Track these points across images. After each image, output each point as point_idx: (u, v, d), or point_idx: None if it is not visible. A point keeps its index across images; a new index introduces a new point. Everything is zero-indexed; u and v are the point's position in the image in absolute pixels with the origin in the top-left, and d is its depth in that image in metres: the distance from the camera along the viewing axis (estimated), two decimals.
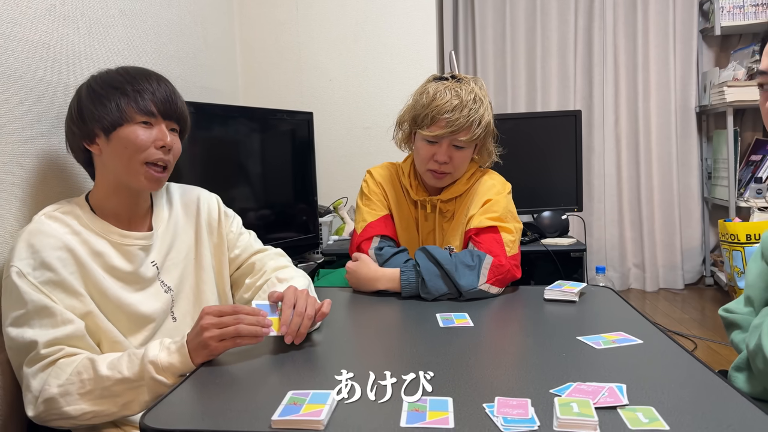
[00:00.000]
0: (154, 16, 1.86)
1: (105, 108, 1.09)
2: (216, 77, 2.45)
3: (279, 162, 2.30)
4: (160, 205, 1.26)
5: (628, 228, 3.47)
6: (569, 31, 3.32)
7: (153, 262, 1.19)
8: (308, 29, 2.70)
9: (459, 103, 1.42)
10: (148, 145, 1.11)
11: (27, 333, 0.99)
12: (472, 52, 3.36)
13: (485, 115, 1.45)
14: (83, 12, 1.47)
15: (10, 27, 1.21)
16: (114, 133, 1.09)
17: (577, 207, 2.35)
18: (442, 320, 1.18)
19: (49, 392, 0.96)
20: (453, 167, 1.49)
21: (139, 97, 1.09)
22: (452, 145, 1.46)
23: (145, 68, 1.18)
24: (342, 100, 2.73)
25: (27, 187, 1.25)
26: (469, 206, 1.54)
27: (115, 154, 1.11)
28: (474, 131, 1.43)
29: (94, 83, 1.13)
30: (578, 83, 3.38)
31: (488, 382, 0.86)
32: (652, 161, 3.40)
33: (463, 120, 1.41)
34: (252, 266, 1.35)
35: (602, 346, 1.00)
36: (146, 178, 1.13)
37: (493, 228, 1.46)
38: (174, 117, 1.15)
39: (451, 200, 1.57)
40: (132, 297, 1.13)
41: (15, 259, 1.01)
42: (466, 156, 1.50)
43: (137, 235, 1.17)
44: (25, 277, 0.99)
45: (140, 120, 1.10)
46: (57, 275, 1.02)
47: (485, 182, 1.56)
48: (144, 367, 0.97)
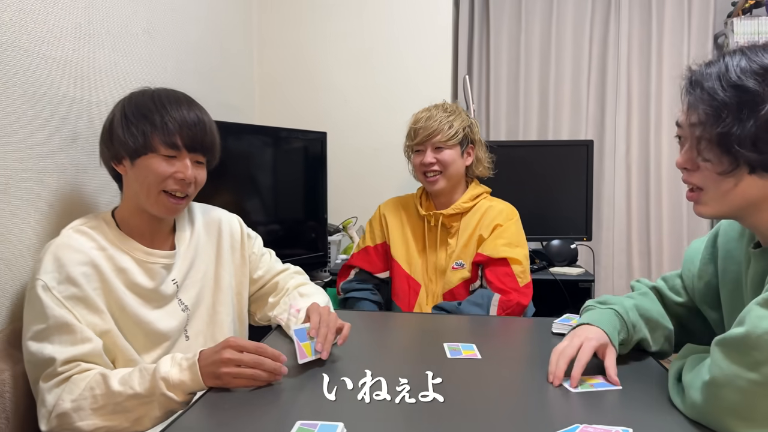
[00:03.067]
0: (174, 34, 1.89)
1: (132, 135, 1.11)
2: (233, 94, 2.48)
3: (291, 179, 2.32)
4: (182, 224, 1.28)
5: (636, 257, 3.46)
6: (583, 59, 3.33)
7: (174, 280, 1.21)
8: (324, 50, 2.73)
9: (429, 115, 1.75)
10: (168, 177, 1.12)
11: (46, 349, 1.00)
12: (486, 77, 3.38)
13: (455, 121, 1.74)
14: (108, 30, 1.51)
15: (37, 45, 1.24)
16: (138, 160, 1.12)
17: (587, 236, 2.35)
18: (450, 351, 1.18)
19: (62, 407, 0.98)
20: (442, 166, 1.73)
21: (166, 129, 1.11)
22: (435, 148, 1.73)
23: (181, 94, 1.19)
24: (355, 121, 2.75)
25: (48, 202, 1.27)
26: (479, 226, 1.74)
27: (136, 179, 1.14)
28: (447, 132, 1.72)
29: (128, 106, 1.14)
30: (590, 111, 3.39)
31: (494, 420, 0.86)
32: (662, 191, 3.40)
33: (435, 124, 1.72)
34: (275, 285, 1.40)
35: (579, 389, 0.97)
36: (163, 206, 1.15)
37: (503, 261, 1.65)
38: (200, 150, 1.16)
39: (454, 215, 1.77)
40: (150, 314, 1.15)
41: (41, 272, 1.03)
42: (450, 156, 1.74)
43: (160, 253, 1.19)
44: (50, 291, 1.01)
45: (164, 153, 1.12)
46: (81, 291, 1.04)
47: (495, 207, 1.78)
48: (155, 383, 0.98)
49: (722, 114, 0.83)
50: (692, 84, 0.89)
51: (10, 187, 1.16)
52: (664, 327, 1.15)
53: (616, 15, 3.29)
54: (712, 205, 0.91)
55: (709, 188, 0.90)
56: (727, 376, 0.79)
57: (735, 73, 0.83)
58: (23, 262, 1.19)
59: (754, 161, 0.83)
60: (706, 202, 0.92)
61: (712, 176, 0.88)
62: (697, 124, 0.87)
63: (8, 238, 1.16)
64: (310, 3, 2.73)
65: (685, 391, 0.87)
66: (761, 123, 0.81)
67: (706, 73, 0.87)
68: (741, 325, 0.79)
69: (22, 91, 1.20)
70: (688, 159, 0.92)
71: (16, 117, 1.18)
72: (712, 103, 0.84)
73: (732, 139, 0.83)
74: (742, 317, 0.81)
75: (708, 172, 0.88)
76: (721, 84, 0.84)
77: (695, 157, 0.90)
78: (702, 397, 0.82)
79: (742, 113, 0.82)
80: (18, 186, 1.18)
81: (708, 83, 0.86)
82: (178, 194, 1.15)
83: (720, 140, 0.84)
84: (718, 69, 0.86)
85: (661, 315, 1.16)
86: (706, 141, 0.86)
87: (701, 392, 0.83)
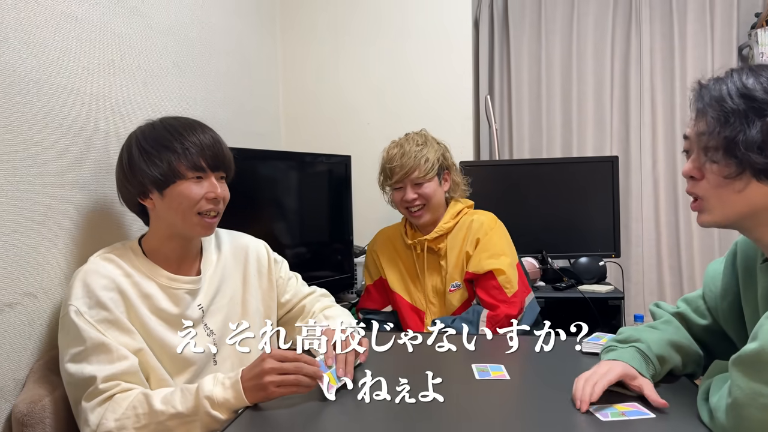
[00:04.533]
0: (203, 66, 1.95)
1: (157, 167, 1.14)
2: (260, 121, 2.54)
3: (317, 203, 2.35)
4: (209, 249, 1.31)
5: (667, 273, 3.39)
6: (605, 74, 3.32)
7: (199, 306, 1.23)
8: (346, 76, 2.78)
9: (402, 152, 1.74)
10: (200, 198, 1.16)
11: (86, 369, 1.03)
12: (508, 96, 3.39)
13: (429, 153, 1.73)
14: (140, 65, 1.57)
15: (72, 81, 1.30)
16: (167, 190, 1.16)
17: (615, 253, 2.32)
18: (478, 372, 1.18)
19: (106, 426, 1.00)
20: (424, 200, 1.73)
21: (189, 153, 1.15)
22: (414, 184, 1.72)
23: (188, 119, 1.23)
24: (378, 143, 2.77)
25: (84, 232, 1.32)
26: (465, 243, 1.74)
27: (169, 208, 1.17)
28: (424, 167, 1.71)
29: (144, 141, 1.17)
30: (615, 126, 3.37)
31: None
32: None
33: (411, 161, 1.71)
34: (302, 309, 1.42)
35: (609, 418, 0.94)
36: (201, 227, 1.19)
37: (489, 274, 1.66)
38: (222, 167, 1.21)
39: (438, 238, 1.76)
40: (176, 339, 1.16)
41: (72, 298, 1.07)
42: (431, 189, 1.73)
43: (185, 279, 1.22)
44: (82, 316, 1.05)
45: (192, 176, 1.15)
46: (111, 314, 1.08)
47: (476, 220, 1.77)
48: (199, 402, 1.00)
49: (730, 119, 0.86)
50: (701, 95, 0.91)
51: (48, 218, 1.21)
52: (694, 352, 1.13)
53: (637, 29, 3.28)
54: (715, 213, 0.92)
55: (713, 195, 0.91)
56: (748, 395, 0.78)
57: (744, 84, 0.86)
58: (61, 291, 1.23)
59: (759, 165, 0.84)
60: (709, 210, 0.92)
61: (717, 181, 0.89)
62: (704, 132, 0.89)
63: (47, 267, 1.20)
64: (330, 30, 2.79)
65: (713, 413, 0.86)
66: (767, 128, 0.83)
67: (715, 86, 0.90)
68: (754, 340, 0.79)
69: (60, 125, 1.25)
70: (694, 167, 0.93)
71: (54, 150, 1.24)
72: (721, 110, 0.87)
73: (738, 143, 0.84)
74: (755, 333, 0.80)
75: (713, 176, 0.89)
76: (730, 94, 0.87)
77: (701, 164, 0.91)
78: (728, 419, 0.82)
79: (749, 119, 0.84)
80: (56, 217, 1.23)
81: (716, 93, 0.88)
82: (212, 213, 1.19)
83: (726, 144, 0.86)
84: (726, 82, 0.89)
85: (689, 341, 1.14)
86: (713, 147, 0.88)
87: (726, 415, 0.82)
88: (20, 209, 1.14)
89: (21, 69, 1.15)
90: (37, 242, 1.18)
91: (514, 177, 2.45)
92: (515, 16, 3.30)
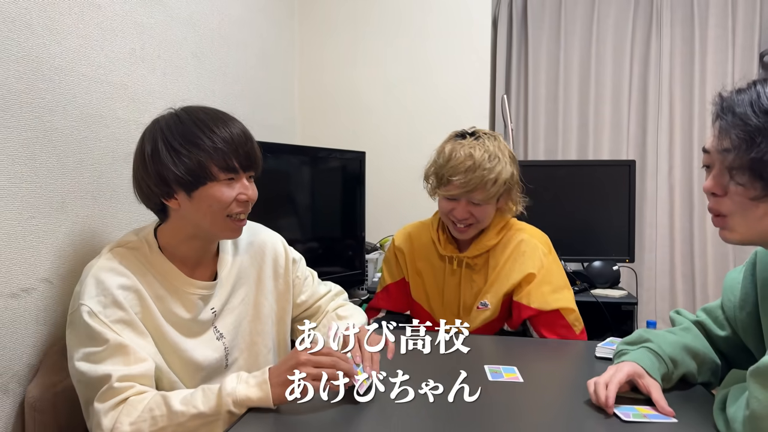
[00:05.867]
0: (222, 58, 1.96)
1: (187, 168, 1.05)
2: (277, 115, 2.54)
3: (330, 198, 2.35)
4: (225, 248, 1.24)
5: (680, 280, 3.36)
6: (624, 78, 3.30)
7: (212, 309, 1.18)
8: (364, 71, 2.78)
9: (472, 164, 1.42)
10: (232, 200, 1.09)
11: (100, 369, 0.98)
12: (524, 96, 3.37)
13: (502, 173, 1.45)
14: (160, 54, 1.57)
15: (93, 69, 1.30)
16: (196, 192, 1.07)
17: (629, 258, 2.30)
18: (491, 373, 1.17)
19: (120, 430, 0.95)
20: (475, 220, 1.50)
21: (222, 154, 1.06)
22: (470, 202, 1.47)
23: (215, 111, 1.12)
24: (393, 140, 2.77)
25: (101, 220, 1.32)
26: (509, 264, 1.53)
27: (197, 210, 1.09)
28: (489, 190, 1.44)
29: (170, 136, 1.06)
30: (631, 130, 3.34)
31: None
32: (706, 213, 3.29)
33: (477, 180, 1.42)
34: (317, 309, 1.38)
35: (631, 418, 0.94)
36: (229, 230, 1.13)
37: (555, 313, 1.47)
38: (253, 167, 1.13)
39: (479, 255, 1.56)
40: (187, 343, 1.12)
41: (85, 297, 1.01)
42: (485, 211, 1.50)
43: (200, 284, 1.15)
44: (96, 317, 0.99)
45: (224, 178, 1.07)
46: (127, 315, 1.03)
47: (527, 242, 1.55)
48: (221, 400, 0.95)
49: (756, 139, 0.83)
50: (723, 110, 0.88)
51: (66, 205, 1.21)
52: (711, 361, 1.12)
53: (657, 33, 3.25)
54: (740, 231, 0.90)
55: (737, 214, 0.88)
56: (766, 407, 0.77)
57: (767, 99, 0.83)
58: (77, 278, 1.23)
59: None
60: (733, 228, 0.90)
61: (742, 202, 0.87)
62: (730, 149, 0.86)
63: (64, 254, 1.21)
64: (349, 25, 2.79)
65: (730, 424, 0.85)
66: None
67: (738, 100, 0.86)
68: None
69: (80, 113, 1.26)
70: (717, 184, 0.90)
71: (74, 138, 1.24)
72: (745, 128, 0.84)
73: (765, 165, 0.82)
74: None
75: (738, 197, 0.87)
76: (753, 110, 0.84)
77: (725, 183, 0.88)
78: (745, 431, 0.81)
79: None
80: (74, 204, 1.24)
81: (740, 109, 0.85)
82: (241, 216, 1.12)
83: (753, 165, 0.83)
84: (749, 96, 0.85)
85: (707, 348, 1.13)
86: (738, 167, 0.85)
87: (744, 426, 0.81)
88: (39, 195, 1.14)
89: (44, 56, 1.15)
90: (55, 229, 1.18)
91: (529, 178, 2.42)
92: (534, 16, 3.27)
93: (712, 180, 0.91)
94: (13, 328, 1.08)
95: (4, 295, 1.06)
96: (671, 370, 1.06)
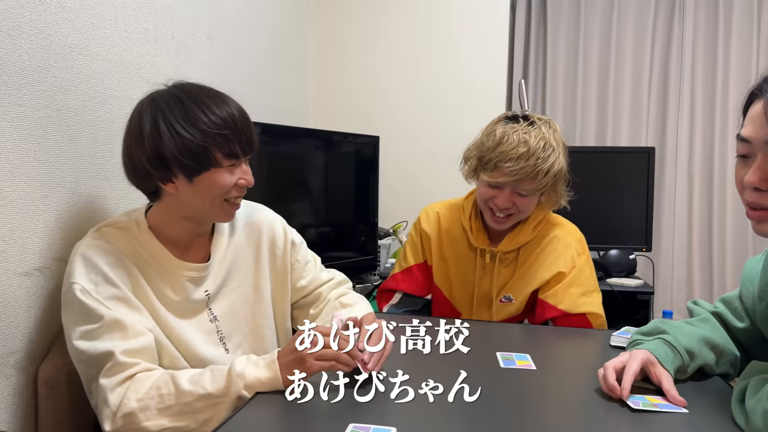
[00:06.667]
0: (236, 41, 1.94)
1: (191, 153, 1.02)
2: (290, 99, 2.53)
3: (343, 183, 2.34)
4: (220, 229, 1.21)
5: (697, 270, 3.32)
6: (644, 63, 3.23)
7: (206, 292, 1.15)
8: (379, 55, 2.75)
9: (526, 151, 1.33)
10: (232, 186, 1.08)
11: (99, 346, 0.97)
12: (542, 82, 3.32)
13: (555, 164, 1.36)
14: (173, 35, 1.56)
15: (108, 49, 1.29)
16: (198, 177, 1.05)
17: (646, 247, 2.27)
18: (503, 360, 1.15)
19: (128, 406, 0.94)
20: (517, 210, 1.42)
21: (225, 141, 1.04)
22: (515, 192, 1.38)
23: (212, 90, 1.09)
24: (408, 125, 2.75)
25: (114, 201, 1.32)
26: (540, 260, 1.48)
27: (196, 195, 1.07)
28: (540, 181, 1.35)
29: (172, 117, 1.02)
30: (651, 117, 3.28)
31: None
32: (726, 202, 3.25)
33: (529, 169, 1.33)
34: (317, 296, 1.34)
35: (640, 406, 0.92)
36: (225, 214, 1.12)
37: (581, 317, 1.43)
38: (251, 150, 1.12)
39: (513, 250, 1.51)
40: (178, 323, 1.10)
41: (76, 276, 0.99)
42: (529, 202, 1.42)
43: (190, 266, 1.13)
44: (89, 294, 0.98)
45: (227, 164, 1.06)
46: (120, 291, 1.02)
47: (560, 239, 1.49)
48: (231, 381, 0.94)
49: None
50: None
51: (79, 184, 1.21)
52: (729, 352, 1.09)
53: (680, 17, 3.17)
54: None
55: None
56: None
57: None
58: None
59: None
60: None
61: None
62: None
63: (78, 233, 1.20)
64: (364, 10, 2.76)
65: (749, 416, 0.83)
66: None
67: None
68: None
69: (93, 92, 1.25)
70: (763, 178, 0.83)
71: (87, 119, 1.23)
72: None
73: None
74: None
75: None
76: None
77: None
78: (765, 424, 0.79)
79: None
80: (87, 184, 1.24)
81: None
82: (238, 200, 1.12)
83: None
84: None
85: (725, 340, 1.10)
86: None
87: (764, 420, 0.79)
88: (52, 175, 1.14)
89: (56, 34, 1.14)
90: (68, 208, 1.18)
91: None
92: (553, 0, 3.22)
93: (757, 173, 0.83)
94: (27, 307, 1.09)
95: (17, 273, 1.06)
96: (687, 362, 1.03)
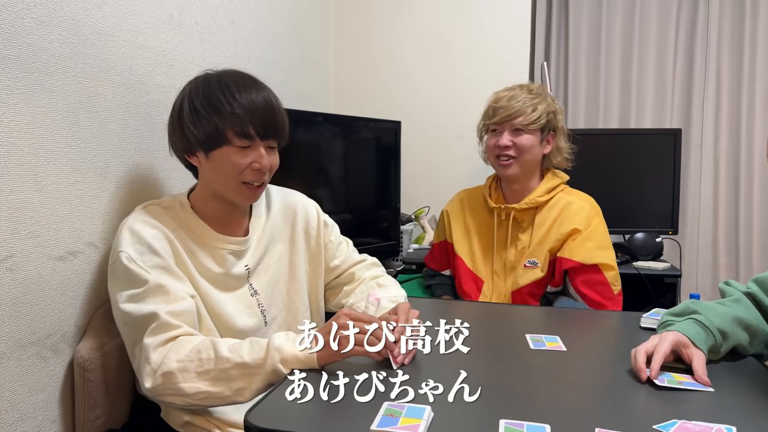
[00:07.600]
0: (258, 26, 1.94)
1: (204, 128, 1.09)
2: (310, 84, 2.52)
3: (364, 168, 2.33)
4: (258, 209, 1.27)
5: (723, 254, 3.27)
6: (669, 44, 3.17)
7: (246, 266, 1.20)
8: (399, 39, 2.73)
9: (513, 94, 1.62)
10: (245, 167, 1.11)
11: (144, 308, 1.02)
12: (564, 64, 3.27)
13: (541, 104, 1.62)
14: (197, 21, 1.56)
15: (134, 36, 1.30)
16: (212, 153, 1.11)
17: (672, 230, 2.24)
18: (533, 342, 1.15)
19: (168, 366, 0.98)
20: (517, 151, 1.62)
21: (238, 120, 1.08)
22: (513, 130, 1.61)
23: (244, 76, 1.15)
24: (429, 110, 2.73)
25: (142, 186, 1.33)
26: (557, 224, 1.61)
27: (213, 170, 1.13)
28: (529, 115, 1.59)
29: (195, 98, 1.11)
30: (676, 99, 3.22)
31: (587, 412, 0.84)
32: (753, 185, 3.19)
33: (518, 105, 1.60)
34: (351, 275, 1.37)
35: (666, 383, 0.92)
36: (243, 196, 1.15)
37: (594, 268, 1.54)
38: (272, 135, 1.13)
39: (527, 210, 1.64)
40: (220, 296, 1.15)
41: (122, 245, 1.05)
42: (528, 141, 1.62)
43: (231, 239, 1.19)
44: (134, 262, 1.04)
45: (238, 144, 1.09)
46: (164, 261, 1.07)
47: (575, 203, 1.63)
48: (269, 353, 0.96)
49: None
50: None
51: (109, 170, 1.23)
52: (763, 333, 1.08)
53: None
54: None
55: None
56: None
57: None
58: (103, 230, 1.22)
59: None
60: None
61: None
62: None
63: (108, 218, 1.22)
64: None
65: None
66: None
67: None
68: None
69: (121, 78, 1.26)
70: None
71: (116, 105, 1.24)
72: None
73: None
74: None
75: None
76: None
77: None
78: None
79: None
80: (117, 170, 1.25)
81: None
82: (255, 183, 1.14)
83: None
84: None
85: (759, 320, 1.09)
86: None
87: None
88: (83, 160, 1.15)
89: (85, 20, 1.15)
90: (99, 193, 1.20)
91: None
92: None
93: None
94: (61, 290, 1.11)
95: (52, 258, 1.08)
96: (719, 342, 1.02)
